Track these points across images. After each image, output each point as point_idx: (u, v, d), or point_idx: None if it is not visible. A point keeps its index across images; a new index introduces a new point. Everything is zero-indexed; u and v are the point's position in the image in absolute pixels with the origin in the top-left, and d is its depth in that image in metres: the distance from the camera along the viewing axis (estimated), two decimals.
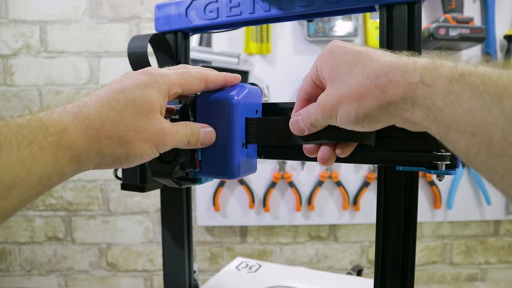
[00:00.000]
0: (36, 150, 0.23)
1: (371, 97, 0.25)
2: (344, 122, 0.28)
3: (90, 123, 0.26)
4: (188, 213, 0.56)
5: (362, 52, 0.27)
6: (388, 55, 0.26)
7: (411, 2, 0.39)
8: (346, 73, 0.27)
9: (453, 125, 0.21)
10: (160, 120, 0.30)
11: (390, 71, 0.24)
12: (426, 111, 0.23)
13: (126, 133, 0.28)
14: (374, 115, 0.26)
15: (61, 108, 0.27)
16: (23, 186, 0.23)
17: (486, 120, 0.19)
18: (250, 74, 1.19)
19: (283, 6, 0.44)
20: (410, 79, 0.23)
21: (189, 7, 0.50)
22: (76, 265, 1.35)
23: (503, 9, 1.18)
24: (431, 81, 0.23)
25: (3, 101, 1.28)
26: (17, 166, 0.22)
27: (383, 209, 0.40)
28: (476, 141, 0.20)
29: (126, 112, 0.28)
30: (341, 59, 0.28)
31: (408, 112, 0.24)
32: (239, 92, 0.35)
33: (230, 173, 0.35)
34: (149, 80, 0.30)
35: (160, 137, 0.29)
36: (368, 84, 0.25)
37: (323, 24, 1.15)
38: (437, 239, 1.32)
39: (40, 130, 0.24)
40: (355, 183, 1.23)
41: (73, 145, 0.25)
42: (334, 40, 0.30)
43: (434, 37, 1.05)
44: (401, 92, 0.24)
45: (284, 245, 1.33)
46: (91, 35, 1.27)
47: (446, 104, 0.21)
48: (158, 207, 1.31)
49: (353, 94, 0.26)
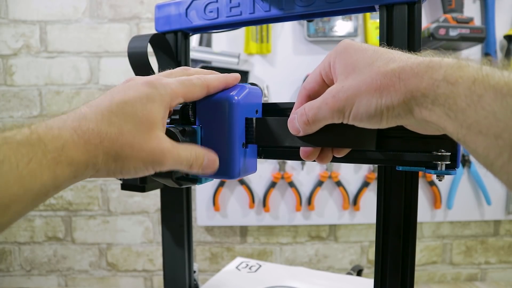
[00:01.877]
0: (35, 168, 0.23)
1: (394, 89, 0.24)
2: (360, 115, 0.26)
3: (89, 138, 0.26)
4: (188, 213, 0.56)
5: (380, 49, 0.27)
6: (408, 54, 0.26)
7: (411, 2, 0.39)
8: (367, 66, 0.26)
9: (474, 127, 0.21)
10: (160, 138, 0.29)
11: (416, 65, 0.24)
12: (447, 110, 0.22)
13: (123, 150, 0.27)
14: (395, 109, 0.25)
15: (62, 121, 0.26)
16: (20, 203, 0.23)
17: (509, 124, 0.19)
18: (250, 74, 1.19)
19: (283, 6, 0.44)
20: (434, 75, 0.23)
21: (189, 7, 0.50)
22: (76, 265, 1.35)
23: (503, 9, 1.18)
24: (454, 79, 0.22)
25: (3, 101, 1.28)
26: (15, 185, 0.22)
27: (383, 209, 0.40)
28: (498, 144, 0.20)
29: (125, 128, 0.27)
30: (360, 54, 0.27)
31: (427, 110, 0.24)
32: (239, 92, 0.35)
33: (230, 173, 0.35)
34: (152, 93, 0.29)
35: (157, 158, 0.29)
36: (392, 75, 0.25)
37: (323, 24, 1.15)
38: (437, 239, 1.33)
39: (39, 148, 0.23)
40: (355, 183, 1.23)
41: (71, 161, 0.25)
42: (346, 39, 0.29)
43: (434, 37, 1.05)
44: (423, 87, 0.23)
45: (284, 245, 1.33)
46: (91, 35, 1.27)
47: (469, 104, 0.21)
48: (158, 207, 1.31)
49: (375, 84, 0.25)
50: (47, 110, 1.29)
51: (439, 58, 0.24)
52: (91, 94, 1.29)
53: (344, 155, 0.33)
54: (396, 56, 0.26)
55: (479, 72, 0.21)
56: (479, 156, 0.22)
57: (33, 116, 1.29)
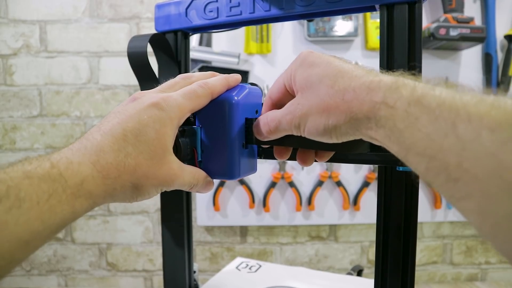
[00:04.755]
0: (54, 204, 0.23)
1: (339, 111, 0.25)
2: (312, 132, 0.28)
3: (107, 173, 0.27)
4: (188, 213, 0.56)
5: (333, 63, 0.27)
6: (360, 69, 0.26)
7: (412, 2, 0.38)
8: (317, 84, 0.27)
9: (412, 148, 0.21)
10: (171, 163, 0.30)
11: (358, 86, 0.24)
12: (388, 132, 0.23)
13: (139, 181, 0.28)
14: (342, 128, 0.26)
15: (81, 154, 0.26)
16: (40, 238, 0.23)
17: (443, 145, 0.19)
18: (250, 74, 1.19)
19: (283, 5, 0.44)
20: (374, 98, 0.23)
21: (189, 6, 0.50)
22: (76, 265, 1.35)
23: (503, 9, 1.18)
24: (392, 102, 0.23)
25: (3, 101, 1.28)
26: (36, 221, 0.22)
27: (383, 209, 0.40)
28: (434, 165, 0.20)
29: (141, 158, 0.28)
30: (313, 69, 0.28)
31: (372, 131, 0.24)
32: (239, 93, 0.35)
33: (230, 174, 0.35)
34: (162, 117, 0.30)
35: (167, 182, 0.30)
36: (337, 97, 0.25)
37: (323, 24, 1.15)
38: (437, 239, 1.32)
39: (60, 184, 0.24)
40: (355, 183, 1.23)
41: (90, 195, 0.26)
42: (307, 50, 0.30)
43: (435, 37, 1.05)
44: (365, 110, 0.24)
45: (284, 245, 1.33)
46: (91, 35, 1.27)
47: (406, 126, 0.22)
48: (158, 207, 1.31)
49: (322, 105, 0.26)
50: (47, 110, 1.29)
51: (378, 79, 0.24)
52: (91, 94, 1.29)
53: (326, 160, 0.34)
54: (344, 72, 0.26)
55: (413, 93, 0.22)
56: (421, 176, 0.22)
57: (33, 116, 1.29)
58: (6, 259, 0.21)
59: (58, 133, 1.30)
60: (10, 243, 0.21)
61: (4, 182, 0.22)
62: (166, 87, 0.34)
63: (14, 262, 0.22)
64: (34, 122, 1.30)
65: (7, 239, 0.21)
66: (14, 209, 0.22)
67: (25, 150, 1.30)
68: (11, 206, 0.21)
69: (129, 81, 1.28)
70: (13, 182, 0.22)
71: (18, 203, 0.22)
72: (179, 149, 0.33)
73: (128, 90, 1.29)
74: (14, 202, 0.22)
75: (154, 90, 0.34)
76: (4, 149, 1.30)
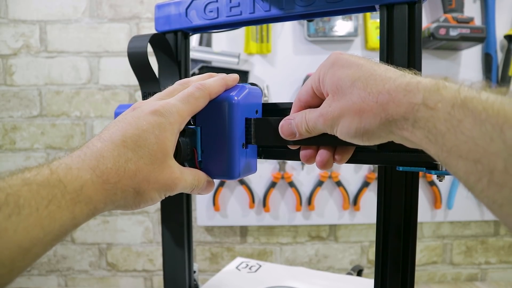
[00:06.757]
0: (54, 210, 0.23)
1: (372, 114, 0.25)
2: (344, 134, 0.28)
3: (107, 178, 0.27)
4: (188, 213, 0.56)
5: (365, 66, 0.27)
6: (392, 71, 0.26)
7: (412, 2, 0.38)
8: (348, 86, 0.27)
9: (454, 151, 0.21)
10: (172, 167, 0.31)
11: (393, 89, 0.24)
12: (427, 133, 0.23)
13: (140, 186, 0.28)
14: (375, 131, 0.26)
15: (80, 160, 0.26)
16: (40, 246, 0.23)
17: (488, 150, 0.19)
18: (250, 74, 1.19)
19: (283, 6, 0.44)
20: (412, 100, 0.23)
21: (189, 7, 0.50)
22: (76, 265, 1.35)
23: (503, 9, 1.18)
24: (433, 103, 0.22)
25: (3, 101, 1.28)
26: (35, 228, 0.22)
27: (383, 209, 0.40)
28: (477, 169, 0.20)
29: (141, 163, 0.28)
30: (344, 71, 0.28)
31: (408, 132, 0.24)
32: (239, 93, 0.35)
33: (230, 174, 0.35)
34: (162, 123, 0.30)
35: (169, 186, 0.31)
36: (370, 100, 0.25)
37: (323, 24, 1.15)
38: (437, 239, 1.32)
39: (59, 189, 0.24)
40: (355, 183, 1.23)
41: (90, 200, 0.26)
42: (336, 51, 0.30)
43: (435, 37, 1.05)
44: (403, 111, 0.24)
45: (284, 245, 1.33)
46: (91, 35, 1.27)
47: (448, 129, 0.21)
48: (158, 207, 1.31)
49: (354, 108, 0.26)
50: (47, 110, 1.29)
51: (416, 80, 0.24)
52: (91, 94, 1.29)
53: (345, 161, 0.34)
54: (377, 75, 0.26)
55: (457, 95, 0.22)
56: (460, 179, 0.22)
57: (33, 116, 1.29)
58: (7, 267, 0.21)
59: (58, 133, 1.30)
60: (10, 250, 0.21)
61: (4, 190, 0.22)
62: (165, 94, 0.34)
63: (15, 271, 0.22)
64: (34, 122, 1.30)
65: (7, 246, 0.21)
66: (14, 216, 0.21)
67: (25, 150, 1.30)
68: (11, 213, 0.21)
69: (129, 81, 1.28)
70: (12, 189, 0.22)
71: (17, 210, 0.22)
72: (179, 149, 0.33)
73: (128, 90, 1.29)
74: (13, 209, 0.22)
75: (153, 98, 0.34)
76: (4, 149, 1.30)
